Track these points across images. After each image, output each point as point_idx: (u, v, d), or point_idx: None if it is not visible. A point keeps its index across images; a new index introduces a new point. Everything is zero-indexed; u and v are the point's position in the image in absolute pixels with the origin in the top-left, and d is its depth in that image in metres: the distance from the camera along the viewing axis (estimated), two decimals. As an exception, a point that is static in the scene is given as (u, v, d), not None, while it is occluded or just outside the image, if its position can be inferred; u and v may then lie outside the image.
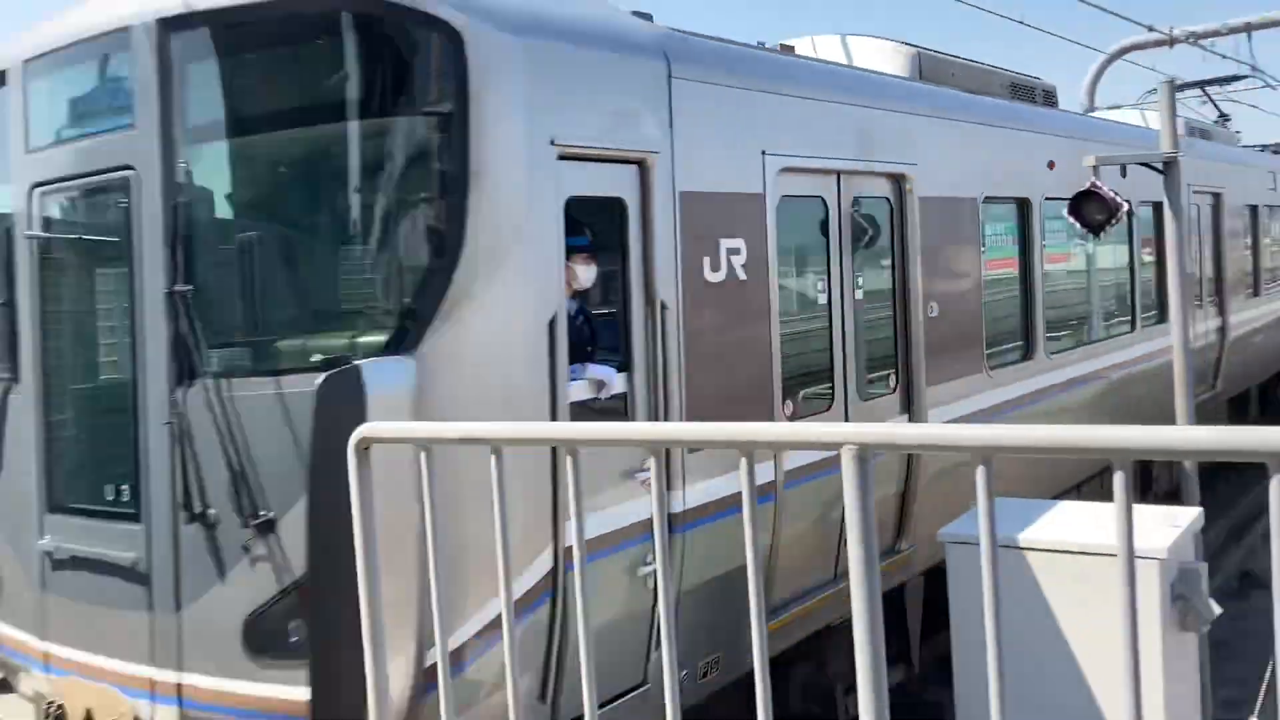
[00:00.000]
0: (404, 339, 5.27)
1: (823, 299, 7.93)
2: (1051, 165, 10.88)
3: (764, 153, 7.28)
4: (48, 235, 6.35)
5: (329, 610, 4.93)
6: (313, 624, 5.10)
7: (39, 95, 6.41)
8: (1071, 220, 9.63)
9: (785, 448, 2.64)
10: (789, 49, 9.01)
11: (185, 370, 5.66)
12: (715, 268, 6.85)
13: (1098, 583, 6.36)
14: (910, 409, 8.68)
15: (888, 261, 8.59)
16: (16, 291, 6.60)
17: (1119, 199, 9.43)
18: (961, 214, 9.43)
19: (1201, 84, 23.12)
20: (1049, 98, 12.67)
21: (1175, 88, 10.08)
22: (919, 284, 8.67)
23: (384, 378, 5.08)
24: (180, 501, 5.66)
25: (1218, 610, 6.68)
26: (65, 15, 6.38)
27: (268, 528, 5.40)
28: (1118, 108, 15.72)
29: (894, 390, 8.62)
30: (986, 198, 9.81)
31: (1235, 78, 23.50)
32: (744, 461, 2.88)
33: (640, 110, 6.37)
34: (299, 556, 5.28)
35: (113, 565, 5.97)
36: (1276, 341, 18.42)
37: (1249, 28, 19.64)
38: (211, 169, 5.75)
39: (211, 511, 5.58)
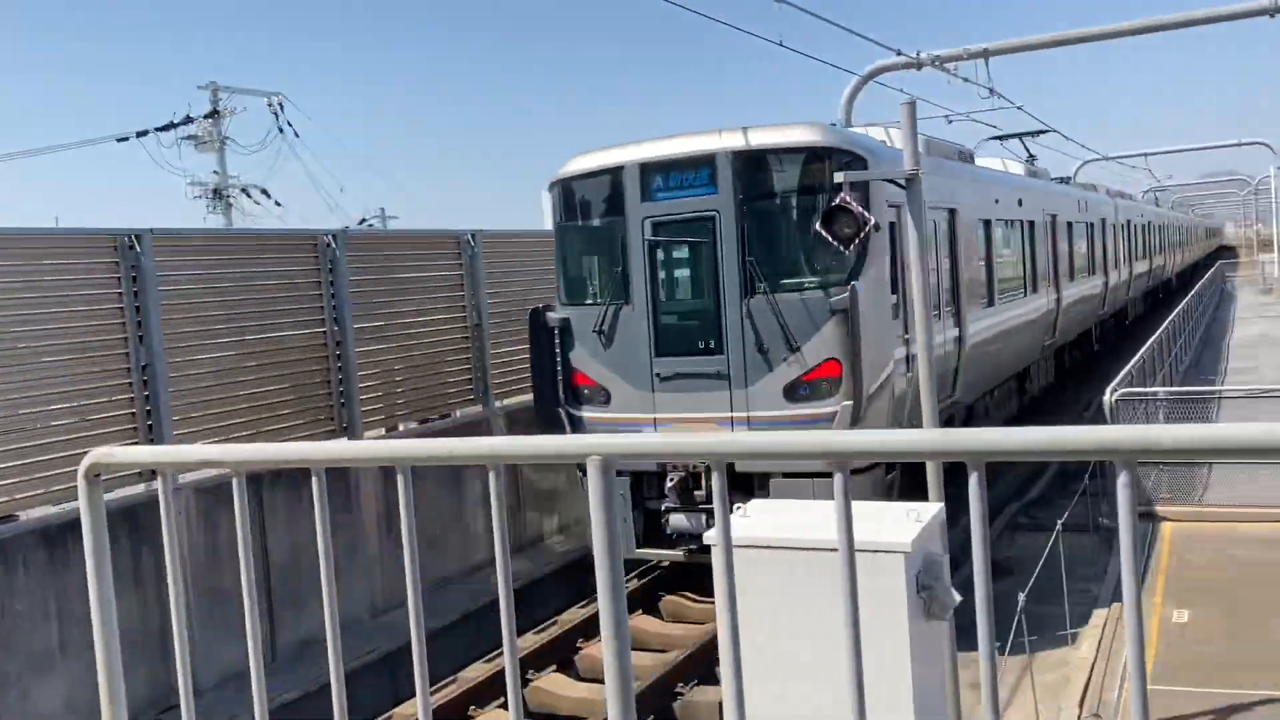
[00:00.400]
0: (850, 280, 13.13)
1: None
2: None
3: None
4: (658, 240, 14.18)
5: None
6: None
7: (651, 178, 14.16)
8: (823, 233, 10.56)
9: (528, 460, 2.74)
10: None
11: (748, 291, 13.48)
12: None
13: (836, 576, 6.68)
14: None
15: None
16: (630, 267, 14.12)
17: (866, 215, 10.64)
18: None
19: (1019, 135, 30.10)
20: (966, 157, 20.17)
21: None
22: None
23: (858, 286, 13.11)
24: (753, 342, 13.43)
25: (959, 598, 7.07)
26: (662, 144, 14.22)
27: (796, 350, 13.27)
28: (873, 125, 17.04)
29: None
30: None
31: (1040, 132, 30.65)
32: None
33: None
34: (802, 364, 13.21)
35: (704, 374, 13.70)
36: (1011, 350, 19.61)
37: (986, 54, 20.72)
38: (751, 215, 13.48)
39: (767, 346, 13.39)
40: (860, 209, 11.15)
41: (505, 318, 18.39)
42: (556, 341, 14.89)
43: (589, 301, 14.71)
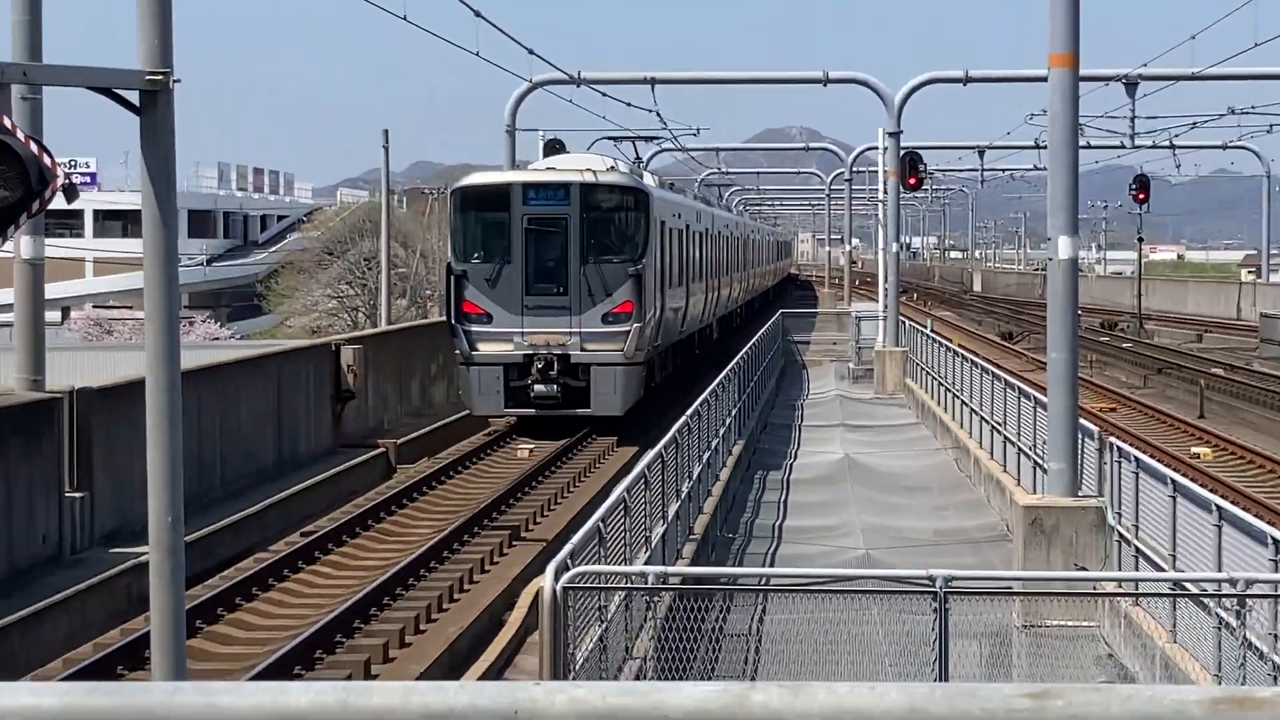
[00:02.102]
0: (640, 259, 28.29)
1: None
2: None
3: None
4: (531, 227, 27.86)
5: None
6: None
7: (528, 191, 28.22)
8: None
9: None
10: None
11: (584, 261, 27.74)
12: None
13: None
14: None
15: None
16: (512, 241, 27.62)
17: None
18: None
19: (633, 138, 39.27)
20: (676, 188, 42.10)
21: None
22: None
23: (644, 264, 30.03)
24: (585, 289, 27.69)
25: None
26: (536, 170, 30.76)
27: (609, 295, 27.81)
28: (600, 156, 31.91)
29: None
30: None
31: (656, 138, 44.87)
32: None
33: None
34: (612, 303, 28.01)
35: (555, 307, 27.35)
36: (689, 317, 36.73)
37: (653, 81, 20.24)
38: (587, 219, 28.01)
39: (593, 292, 27.79)
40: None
41: None
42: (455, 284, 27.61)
43: (475, 260, 27.45)
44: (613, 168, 30.70)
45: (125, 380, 19.45)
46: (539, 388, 27.23)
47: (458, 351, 28.18)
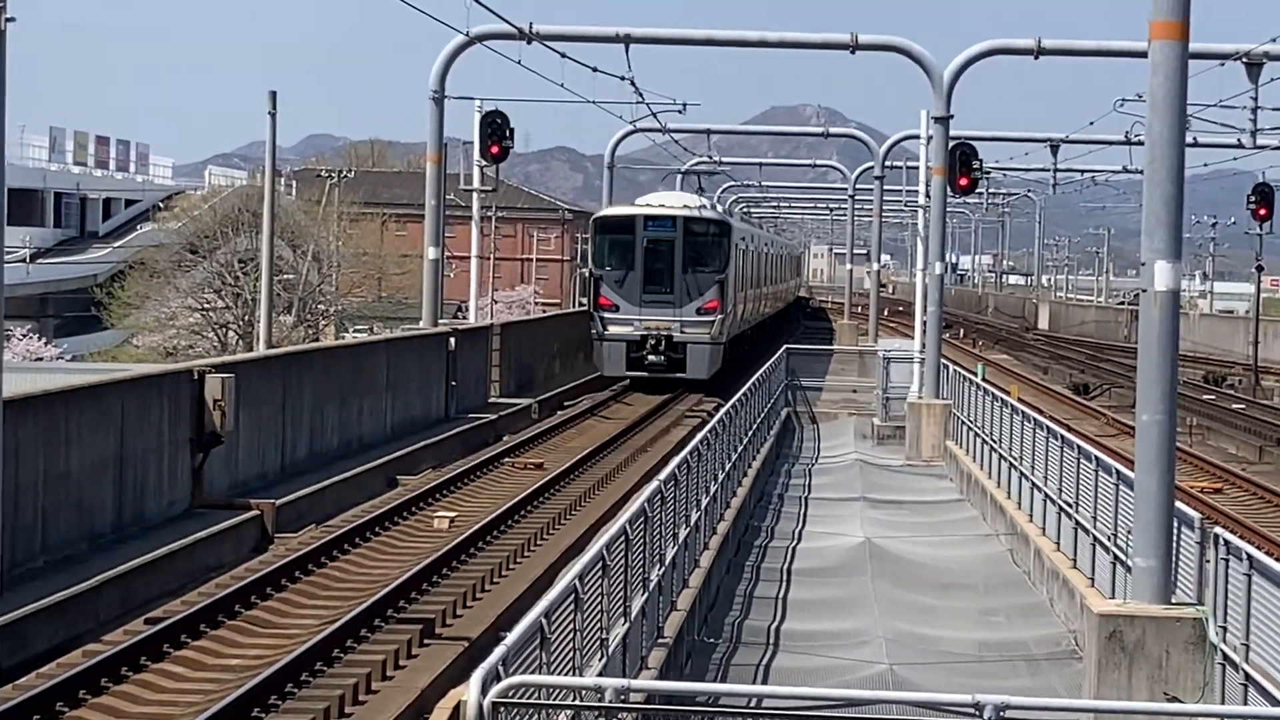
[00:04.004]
0: (723, 270, 54.70)
1: None
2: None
3: None
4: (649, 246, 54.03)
5: None
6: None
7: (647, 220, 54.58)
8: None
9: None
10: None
11: (685, 271, 53.54)
12: None
13: None
14: None
15: None
16: (635, 256, 53.05)
17: None
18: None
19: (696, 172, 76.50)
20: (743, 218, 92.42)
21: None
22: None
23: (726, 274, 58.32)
24: (685, 290, 53.01)
25: None
26: (651, 205, 56.50)
27: (701, 295, 53.29)
28: (673, 192, 63.11)
29: None
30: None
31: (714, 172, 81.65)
32: None
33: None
34: (703, 301, 54.27)
35: (663, 301, 52.66)
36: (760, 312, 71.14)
37: (627, 40, 19.84)
38: (687, 242, 53.91)
39: (690, 293, 53.27)
40: None
41: None
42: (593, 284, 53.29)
43: (608, 268, 52.15)
44: (703, 205, 58.11)
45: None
46: (651, 358, 51.33)
47: (593, 331, 52.31)
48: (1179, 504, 18.36)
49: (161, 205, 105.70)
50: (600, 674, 13.90)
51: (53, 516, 22.87)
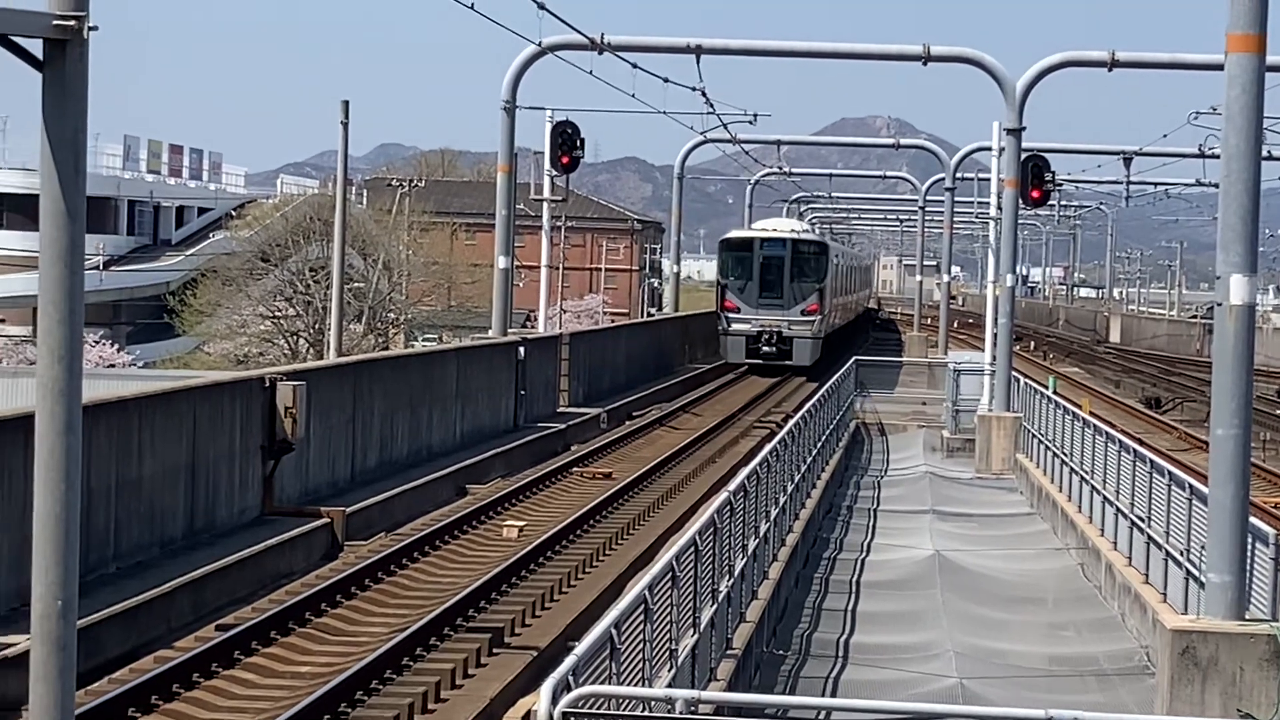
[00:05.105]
0: (822, 280, 70.35)
1: None
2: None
3: None
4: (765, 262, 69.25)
5: None
6: None
7: (763, 242, 69.60)
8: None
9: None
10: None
11: (793, 280, 68.69)
12: None
13: None
14: None
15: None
16: (753, 268, 67.92)
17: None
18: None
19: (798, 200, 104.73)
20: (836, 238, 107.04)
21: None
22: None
23: (825, 283, 74.76)
24: (793, 296, 68.05)
25: None
26: (766, 231, 71.87)
27: (805, 299, 68.30)
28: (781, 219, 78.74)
29: None
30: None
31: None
32: None
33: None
34: (806, 305, 68.89)
35: (775, 304, 67.75)
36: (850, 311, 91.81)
37: (698, 51, 19.75)
38: (795, 258, 68.67)
39: (796, 298, 68.33)
40: None
41: None
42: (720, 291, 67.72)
43: (732, 278, 66.78)
44: (806, 229, 76.61)
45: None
46: (765, 349, 64.57)
47: (720, 327, 65.71)
48: (1253, 519, 18.25)
49: (234, 213, 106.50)
50: (669, 685, 13.92)
51: (125, 523, 23.02)
